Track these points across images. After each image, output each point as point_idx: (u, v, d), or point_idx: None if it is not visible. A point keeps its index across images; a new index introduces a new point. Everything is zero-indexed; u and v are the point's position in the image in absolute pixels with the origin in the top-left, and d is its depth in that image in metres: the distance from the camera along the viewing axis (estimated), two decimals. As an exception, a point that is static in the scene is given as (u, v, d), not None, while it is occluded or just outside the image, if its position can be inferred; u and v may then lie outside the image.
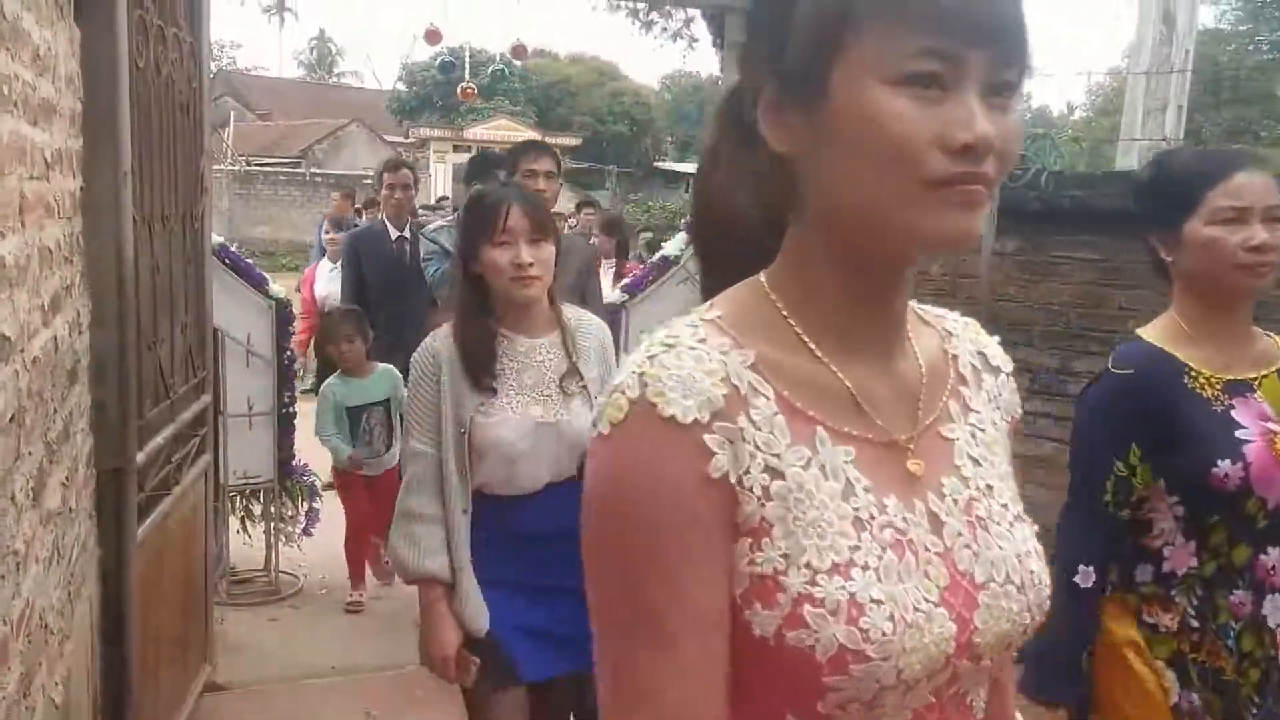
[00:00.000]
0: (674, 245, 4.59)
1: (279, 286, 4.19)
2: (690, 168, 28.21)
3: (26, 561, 1.68)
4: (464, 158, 23.69)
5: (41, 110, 1.82)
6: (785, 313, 0.76)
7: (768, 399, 0.72)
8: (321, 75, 46.86)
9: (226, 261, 3.82)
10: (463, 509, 1.94)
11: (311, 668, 3.42)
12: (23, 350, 1.67)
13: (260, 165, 23.84)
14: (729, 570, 0.70)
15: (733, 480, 0.70)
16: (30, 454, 1.71)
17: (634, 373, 0.71)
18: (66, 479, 2.01)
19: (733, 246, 0.81)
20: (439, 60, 24.40)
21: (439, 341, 1.97)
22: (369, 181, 21.62)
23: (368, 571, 4.12)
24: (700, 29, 5.73)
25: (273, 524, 4.08)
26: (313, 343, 5.69)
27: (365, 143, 26.53)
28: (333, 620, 3.88)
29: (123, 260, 2.27)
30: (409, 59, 31.55)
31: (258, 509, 4.08)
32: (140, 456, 2.41)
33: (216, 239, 3.63)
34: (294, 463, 4.16)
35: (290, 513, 4.12)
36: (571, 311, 2.08)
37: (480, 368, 1.93)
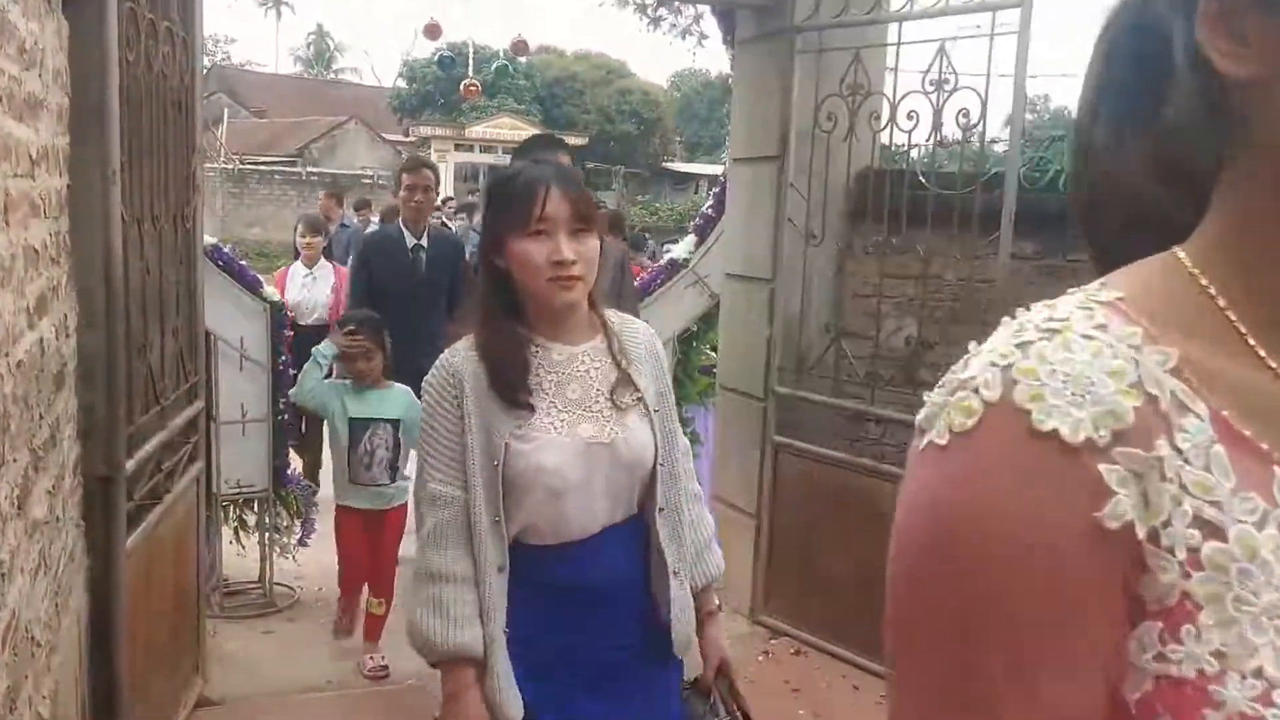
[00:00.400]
0: (682, 248, 4.56)
1: (273, 289, 4.12)
2: (699, 169, 28.42)
3: (12, 572, 1.66)
4: (466, 157, 23.68)
5: (27, 105, 1.80)
6: (1221, 302, 0.55)
7: (1200, 419, 0.51)
8: (319, 71, 46.85)
9: (219, 263, 3.77)
10: (498, 566, 1.59)
11: (306, 682, 3.38)
12: (7, 354, 1.65)
13: (254, 164, 23.77)
14: (1116, 662, 0.50)
15: (1141, 534, 0.49)
16: (15, 461, 1.69)
17: (995, 364, 0.51)
18: (53, 487, 1.99)
19: (1124, 215, 0.62)
20: (437, 56, 24.38)
21: (458, 357, 1.63)
22: (368, 181, 21.65)
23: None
24: (710, 25, 5.75)
25: (267, 534, 4.02)
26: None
27: (364, 141, 26.50)
28: (328, 634, 3.81)
29: (111, 261, 2.25)
30: (410, 55, 31.57)
31: (251, 519, 4.03)
32: (130, 464, 2.39)
33: (209, 240, 3.58)
34: (289, 471, 4.09)
35: (285, 523, 4.07)
36: (613, 315, 1.76)
37: (513, 381, 1.59)
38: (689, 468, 1.80)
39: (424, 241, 4.19)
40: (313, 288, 5.55)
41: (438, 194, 4.54)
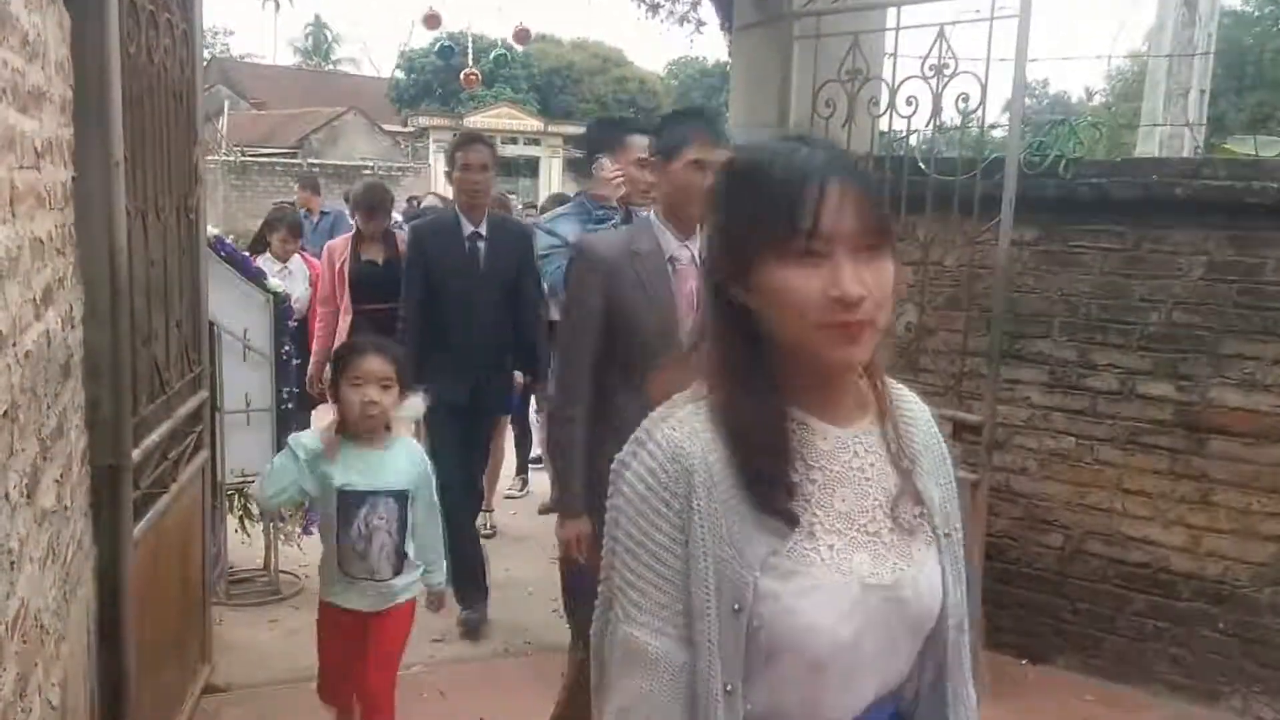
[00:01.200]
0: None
1: (276, 281, 4.11)
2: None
3: (21, 561, 1.65)
4: (463, 147, 23.58)
5: (31, 98, 1.79)
6: None
7: None
8: (318, 62, 46.63)
9: (222, 254, 3.76)
10: None
11: (313, 669, 3.30)
12: (14, 344, 1.64)
13: (256, 156, 23.69)
14: None
15: None
16: (23, 451, 1.69)
17: None
18: (61, 476, 1.98)
19: None
20: (438, 45, 24.33)
21: (683, 432, 1.03)
22: (368, 172, 21.59)
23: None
24: (708, 12, 5.71)
25: (272, 523, 4.02)
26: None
27: (363, 132, 26.39)
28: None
29: (116, 253, 2.24)
30: (407, 45, 31.49)
31: (256, 507, 4.01)
32: (136, 453, 2.39)
33: (211, 231, 3.58)
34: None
35: (290, 511, 4.05)
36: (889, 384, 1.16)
37: (776, 476, 1.02)
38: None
39: (483, 229, 3.65)
40: (288, 281, 5.31)
41: (493, 171, 3.79)
